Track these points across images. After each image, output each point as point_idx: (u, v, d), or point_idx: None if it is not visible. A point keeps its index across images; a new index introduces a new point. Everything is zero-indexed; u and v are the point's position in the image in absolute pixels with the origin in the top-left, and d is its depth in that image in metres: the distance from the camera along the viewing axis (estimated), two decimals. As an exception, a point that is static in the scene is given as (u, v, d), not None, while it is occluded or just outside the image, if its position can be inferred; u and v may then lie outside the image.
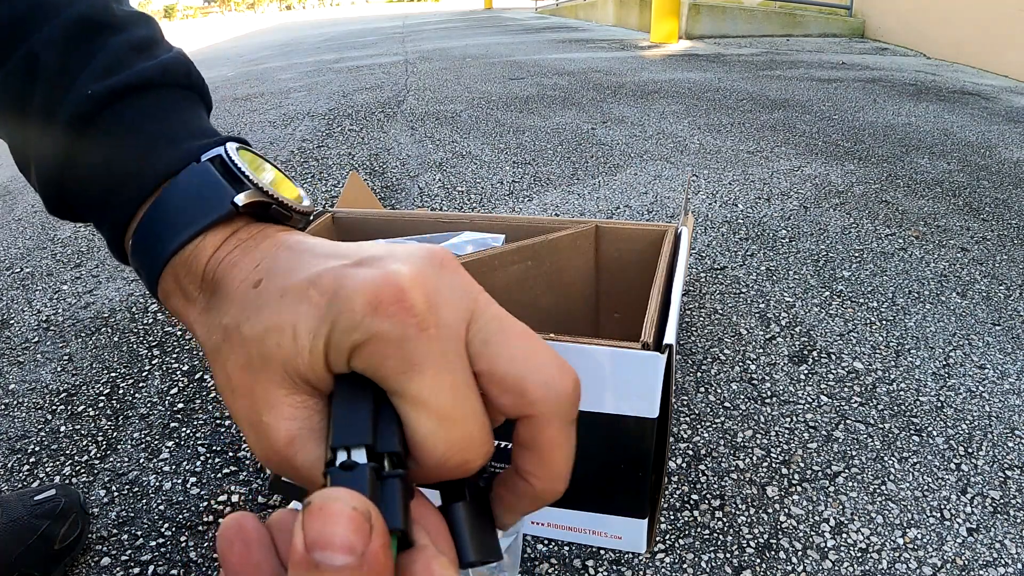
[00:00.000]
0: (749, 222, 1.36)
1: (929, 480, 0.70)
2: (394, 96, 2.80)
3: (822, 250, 1.23)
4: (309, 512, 0.14)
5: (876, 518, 0.66)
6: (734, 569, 0.61)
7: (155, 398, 0.88)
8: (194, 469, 0.75)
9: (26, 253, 1.39)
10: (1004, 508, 0.67)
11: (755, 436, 0.77)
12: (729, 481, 0.71)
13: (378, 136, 2.13)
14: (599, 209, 1.45)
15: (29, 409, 0.87)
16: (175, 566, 0.63)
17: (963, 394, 0.84)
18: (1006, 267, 1.15)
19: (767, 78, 2.95)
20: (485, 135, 2.08)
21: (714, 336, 0.97)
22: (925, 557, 0.62)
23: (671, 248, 0.66)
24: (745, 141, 1.94)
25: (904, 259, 1.19)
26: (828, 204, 1.45)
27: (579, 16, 7.37)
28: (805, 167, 1.69)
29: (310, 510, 0.14)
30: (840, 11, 4.73)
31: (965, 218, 1.36)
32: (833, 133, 2.01)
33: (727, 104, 2.43)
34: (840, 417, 0.80)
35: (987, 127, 2.07)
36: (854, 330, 0.98)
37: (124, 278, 1.23)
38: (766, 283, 1.12)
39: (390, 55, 4.44)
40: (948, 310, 1.03)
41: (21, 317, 1.11)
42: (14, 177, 1.99)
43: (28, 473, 0.76)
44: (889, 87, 2.72)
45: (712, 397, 0.84)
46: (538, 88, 2.85)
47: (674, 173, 1.67)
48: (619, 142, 1.96)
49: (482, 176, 1.69)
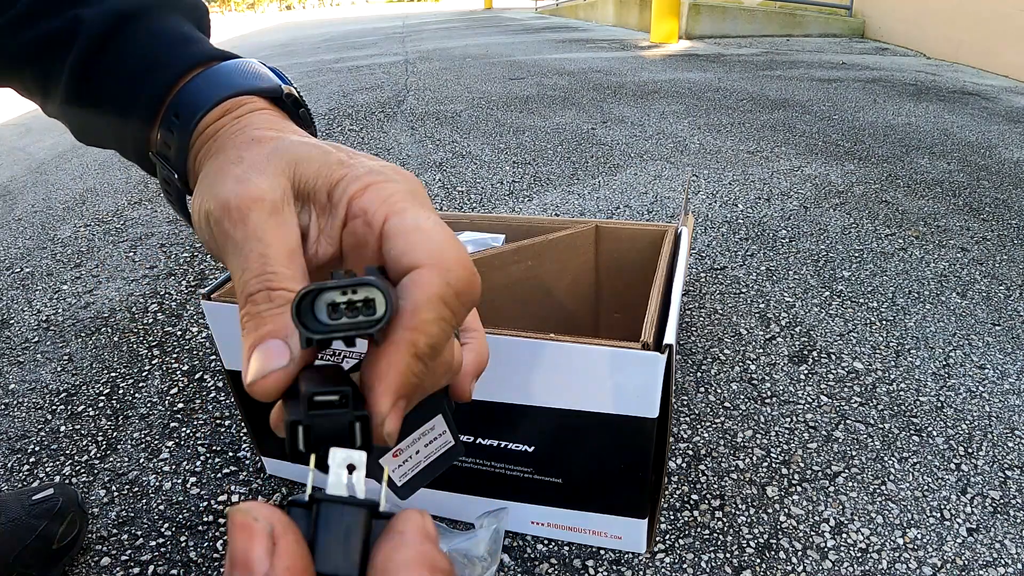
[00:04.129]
0: (749, 222, 1.36)
1: (929, 480, 0.70)
2: (394, 96, 2.80)
3: (822, 250, 1.23)
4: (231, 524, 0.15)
5: (876, 518, 0.66)
6: (734, 569, 0.61)
7: (155, 398, 0.88)
8: (194, 469, 0.75)
9: (26, 253, 1.39)
10: (1004, 508, 0.67)
11: (755, 436, 0.77)
12: (729, 481, 0.71)
13: (378, 136, 2.13)
14: (599, 209, 1.45)
15: (29, 409, 0.87)
16: (175, 566, 0.63)
17: (963, 394, 0.84)
18: (1006, 267, 1.15)
19: (767, 78, 2.95)
20: (485, 135, 2.08)
21: (714, 336, 0.97)
22: (925, 557, 0.62)
23: (671, 248, 0.66)
24: (745, 141, 1.94)
25: (904, 259, 1.19)
26: (828, 204, 1.45)
27: (579, 16, 7.37)
28: (805, 167, 1.69)
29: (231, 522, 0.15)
30: (840, 11, 4.73)
31: (965, 218, 1.36)
32: (833, 133, 2.01)
33: (727, 104, 2.43)
34: (840, 417, 0.80)
35: (987, 127, 2.07)
36: (854, 330, 0.98)
37: (124, 278, 1.23)
38: (766, 283, 1.12)
39: (390, 55, 4.44)
40: (948, 310, 1.03)
41: (21, 317, 1.11)
42: (14, 177, 1.99)
43: (28, 473, 0.76)
44: (889, 87, 2.72)
45: (712, 397, 0.84)
46: (538, 88, 2.84)
47: (674, 173, 1.67)
48: (619, 142, 1.96)
49: (482, 176, 1.69)
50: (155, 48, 0.29)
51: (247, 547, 0.15)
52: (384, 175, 0.23)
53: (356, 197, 0.22)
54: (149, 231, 1.46)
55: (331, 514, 0.16)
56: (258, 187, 0.22)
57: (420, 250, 0.20)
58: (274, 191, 0.22)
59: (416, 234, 0.20)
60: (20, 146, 2.42)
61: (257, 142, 0.25)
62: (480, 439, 0.58)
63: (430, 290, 0.19)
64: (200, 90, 0.28)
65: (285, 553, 0.15)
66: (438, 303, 0.19)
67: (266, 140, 0.25)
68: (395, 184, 0.23)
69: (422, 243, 0.20)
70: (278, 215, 0.22)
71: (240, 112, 0.27)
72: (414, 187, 0.23)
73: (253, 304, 0.20)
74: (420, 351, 0.19)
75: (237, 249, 0.22)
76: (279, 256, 0.21)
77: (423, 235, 0.20)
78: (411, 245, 0.20)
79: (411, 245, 0.20)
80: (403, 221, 0.21)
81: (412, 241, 0.20)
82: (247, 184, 0.22)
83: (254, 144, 0.24)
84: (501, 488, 0.61)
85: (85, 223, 1.53)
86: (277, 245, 0.21)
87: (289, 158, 0.24)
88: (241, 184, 0.22)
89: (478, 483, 0.61)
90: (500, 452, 0.58)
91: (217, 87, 0.28)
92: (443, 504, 0.65)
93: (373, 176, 0.23)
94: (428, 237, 0.20)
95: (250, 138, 0.25)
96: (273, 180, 0.23)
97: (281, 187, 0.23)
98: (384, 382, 0.18)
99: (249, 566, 0.15)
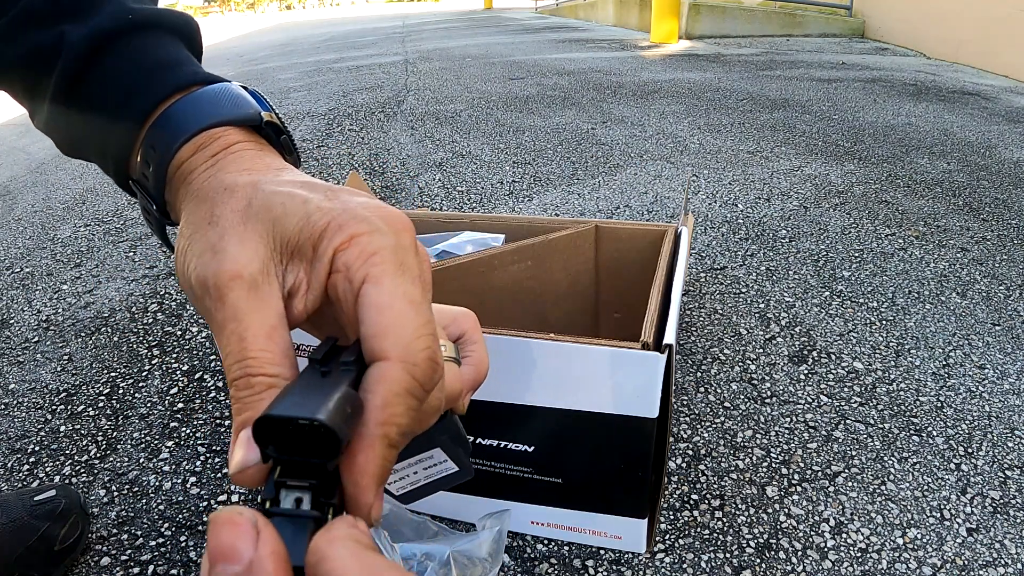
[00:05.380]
0: (749, 222, 1.36)
1: (929, 480, 0.70)
2: (394, 96, 2.80)
3: (822, 250, 1.23)
4: (213, 521, 0.16)
5: (876, 518, 0.66)
6: (734, 569, 0.61)
7: (155, 398, 0.88)
8: (194, 469, 0.75)
9: (26, 253, 1.39)
10: (1004, 508, 0.67)
11: (755, 436, 0.77)
12: (729, 481, 0.71)
13: (378, 136, 2.13)
14: (599, 209, 1.45)
15: (29, 409, 0.87)
16: (175, 566, 0.63)
17: (963, 394, 0.84)
18: (1006, 267, 1.15)
19: (767, 78, 2.95)
20: (485, 135, 2.08)
21: (714, 336, 0.97)
22: (925, 557, 0.62)
23: (671, 248, 0.66)
24: (745, 141, 1.94)
25: (904, 259, 1.19)
26: (828, 204, 1.45)
27: (579, 16, 7.36)
28: (805, 167, 1.69)
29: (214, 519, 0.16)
30: (840, 11, 4.73)
31: (965, 218, 1.36)
32: (833, 133, 2.01)
33: (727, 104, 2.43)
34: (840, 417, 0.80)
35: (987, 127, 2.07)
36: (854, 330, 0.98)
37: (124, 278, 1.23)
38: (766, 283, 1.12)
39: (390, 55, 4.44)
40: (948, 310, 1.03)
41: (21, 317, 1.11)
42: (14, 177, 1.99)
43: (28, 473, 0.76)
44: (889, 87, 2.72)
45: (712, 397, 0.84)
46: (538, 88, 2.84)
47: (674, 173, 1.67)
48: (619, 142, 1.96)
49: (482, 176, 1.69)
50: (134, 74, 0.28)
51: (233, 538, 0.16)
52: (369, 224, 0.22)
53: (340, 250, 0.22)
54: (149, 231, 1.46)
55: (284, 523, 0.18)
56: (235, 261, 0.22)
57: (389, 339, 0.20)
58: (252, 263, 0.22)
59: (388, 315, 0.21)
60: (20, 146, 2.42)
61: (230, 192, 0.24)
62: (480, 439, 0.58)
63: (398, 387, 0.20)
64: (176, 122, 0.27)
65: (270, 539, 0.16)
66: (406, 396, 0.20)
67: (239, 189, 0.24)
68: (380, 237, 0.22)
69: (392, 330, 0.21)
70: (256, 291, 0.22)
71: (214, 148, 0.27)
72: (399, 239, 0.23)
73: (236, 389, 0.21)
74: (393, 441, 0.20)
75: (219, 329, 0.22)
76: (258, 337, 0.21)
77: (394, 319, 0.21)
78: (381, 329, 0.21)
79: (381, 329, 0.21)
80: (379, 294, 0.21)
81: (383, 325, 0.21)
82: (223, 258, 0.22)
83: (227, 195, 0.24)
84: (501, 488, 0.61)
85: (85, 223, 1.53)
86: (256, 326, 0.21)
87: (266, 217, 0.23)
88: (218, 258, 0.22)
89: (478, 483, 0.62)
90: (500, 452, 0.58)
91: (193, 118, 0.27)
92: (443, 504, 0.65)
93: (358, 225, 0.22)
94: (399, 323, 0.21)
95: (223, 186, 0.24)
96: (252, 249, 0.22)
97: (260, 257, 0.22)
98: (365, 476, 0.19)
99: (235, 554, 0.15)
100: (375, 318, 0.21)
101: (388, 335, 0.20)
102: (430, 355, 0.21)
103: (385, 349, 0.20)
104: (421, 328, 0.21)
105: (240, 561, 0.15)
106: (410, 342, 0.21)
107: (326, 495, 0.19)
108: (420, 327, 0.21)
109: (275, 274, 0.23)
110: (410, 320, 0.21)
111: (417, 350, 0.21)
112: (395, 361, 0.20)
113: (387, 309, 0.21)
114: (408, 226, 0.24)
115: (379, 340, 0.20)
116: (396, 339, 0.20)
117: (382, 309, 0.21)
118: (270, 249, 0.23)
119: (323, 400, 0.18)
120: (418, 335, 0.21)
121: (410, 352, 0.20)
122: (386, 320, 0.21)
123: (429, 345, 0.21)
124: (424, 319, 0.21)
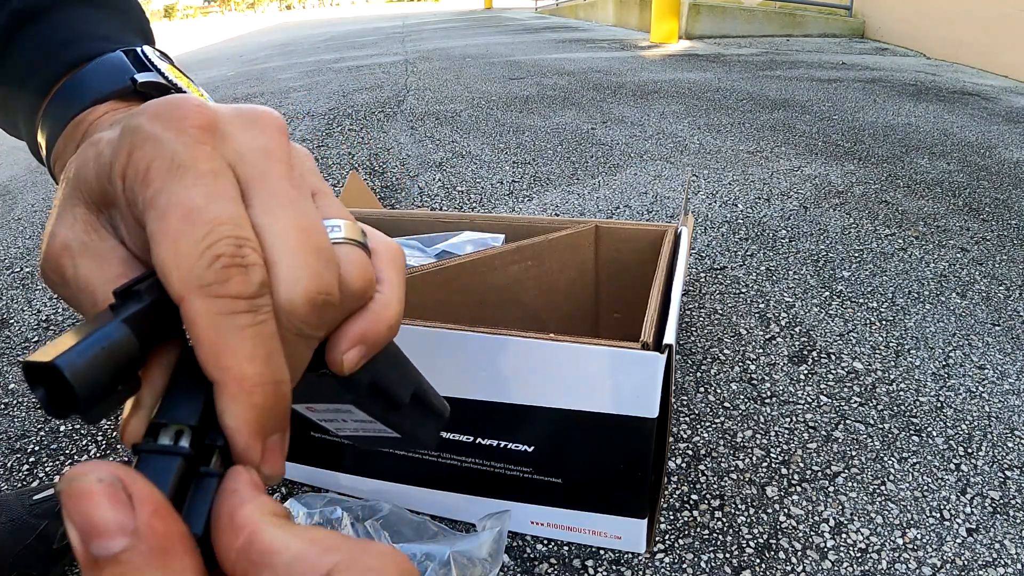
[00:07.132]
0: (749, 222, 1.36)
1: (929, 480, 0.70)
2: (394, 96, 2.80)
3: (822, 250, 1.23)
4: (66, 497, 0.13)
5: (876, 518, 0.66)
6: (734, 569, 0.61)
7: (155, 398, 0.88)
8: (194, 469, 0.75)
9: (26, 253, 1.39)
10: (1004, 508, 0.67)
11: (755, 436, 0.77)
12: (729, 481, 0.71)
13: (378, 136, 2.13)
14: (599, 209, 1.45)
15: (29, 409, 0.87)
16: (175, 566, 0.63)
17: (963, 394, 0.84)
18: (1006, 267, 1.15)
19: (767, 78, 2.95)
20: (485, 135, 2.08)
21: (714, 336, 0.97)
22: (925, 557, 0.62)
23: (671, 248, 0.66)
24: (745, 141, 1.94)
25: (904, 259, 1.19)
26: (828, 204, 1.45)
27: (579, 16, 7.37)
28: (805, 167, 1.69)
29: (66, 495, 0.13)
30: (840, 11, 4.73)
31: (965, 218, 1.36)
32: (833, 133, 2.01)
33: (727, 104, 2.43)
34: (840, 417, 0.80)
35: (987, 127, 2.07)
36: (854, 330, 0.98)
37: (124, 278, 1.23)
38: (766, 283, 1.12)
39: (390, 55, 4.44)
40: (948, 310, 1.03)
41: (21, 317, 1.11)
42: (14, 177, 1.99)
43: (28, 473, 0.76)
44: (889, 87, 2.72)
45: (712, 397, 0.84)
46: (538, 88, 2.84)
47: (674, 173, 1.67)
48: (619, 142, 1.96)
49: (482, 176, 1.69)
50: (36, 54, 0.28)
51: (97, 510, 0.13)
52: (140, 133, 0.18)
53: (127, 177, 0.18)
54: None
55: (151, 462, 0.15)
56: (56, 236, 0.19)
57: (171, 275, 0.16)
58: (73, 228, 0.19)
59: (162, 245, 0.16)
60: (20, 146, 2.41)
61: (65, 172, 0.21)
62: (480, 439, 0.58)
63: (203, 319, 0.16)
64: (59, 106, 0.27)
65: (147, 499, 0.13)
66: (211, 327, 0.16)
67: (68, 168, 0.21)
68: (153, 146, 0.17)
69: (168, 261, 0.16)
70: (88, 252, 0.19)
71: (77, 135, 0.26)
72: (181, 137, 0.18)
73: None
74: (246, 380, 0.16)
75: (77, 307, 0.19)
76: (106, 292, 0.18)
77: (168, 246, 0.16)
78: (160, 262, 0.16)
79: (160, 262, 0.16)
80: (154, 219, 0.17)
81: (159, 258, 0.16)
82: (51, 241, 0.19)
83: (63, 177, 0.21)
84: (501, 488, 0.61)
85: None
86: (100, 284, 0.19)
87: (73, 175, 0.20)
88: (47, 243, 0.19)
89: (477, 483, 0.61)
90: (500, 452, 0.58)
91: (71, 102, 0.27)
92: (442, 504, 0.65)
93: (132, 139, 0.18)
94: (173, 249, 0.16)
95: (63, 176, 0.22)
96: (70, 216, 0.19)
97: (80, 219, 0.19)
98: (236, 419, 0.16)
99: (107, 529, 0.12)
100: (154, 252, 0.16)
101: (165, 267, 0.16)
102: (226, 262, 0.16)
103: (171, 285, 0.16)
104: (201, 232, 0.16)
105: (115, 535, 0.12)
106: (191, 262, 0.16)
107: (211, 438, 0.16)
108: (202, 234, 0.16)
109: (105, 228, 0.19)
110: (184, 233, 0.16)
111: (203, 267, 0.16)
112: (185, 296, 0.16)
113: (160, 237, 0.16)
114: (208, 119, 0.18)
115: (163, 277, 0.16)
116: (174, 268, 0.16)
117: (155, 237, 0.16)
118: (86, 207, 0.19)
119: (73, 342, 0.15)
120: (198, 241, 0.16)
121: (195, 273, 0.16)
122: (162, 253, 0.16)
123: (212, 245, 0.16)
124: (210, 216, 0.16)
